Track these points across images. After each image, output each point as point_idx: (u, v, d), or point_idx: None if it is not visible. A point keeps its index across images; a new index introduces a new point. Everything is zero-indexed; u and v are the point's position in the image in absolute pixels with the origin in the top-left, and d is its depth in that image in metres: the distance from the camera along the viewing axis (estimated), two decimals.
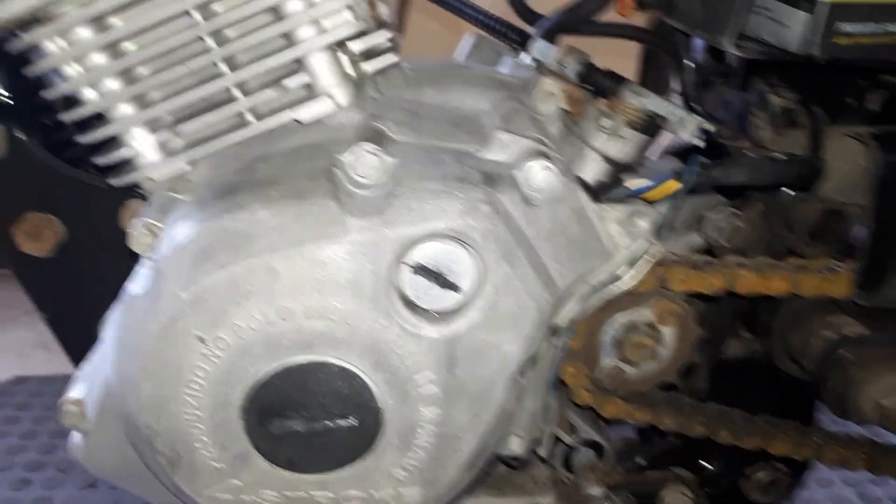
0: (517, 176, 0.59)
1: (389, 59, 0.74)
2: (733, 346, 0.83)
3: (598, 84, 0.77)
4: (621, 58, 0.93)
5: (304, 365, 0.55)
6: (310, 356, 0.55)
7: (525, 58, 0.88)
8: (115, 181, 0.69)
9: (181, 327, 0.53)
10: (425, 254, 0.55)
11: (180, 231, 0.54)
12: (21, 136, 0.75)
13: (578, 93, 0.78)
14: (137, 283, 0.56)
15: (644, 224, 0.62)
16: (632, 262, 0.63)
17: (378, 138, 0.61)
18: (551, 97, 0.76)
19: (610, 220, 0.62)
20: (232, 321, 0.53)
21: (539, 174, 0.58)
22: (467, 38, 0.94)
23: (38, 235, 0.76)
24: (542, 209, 0.58)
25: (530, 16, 0.91)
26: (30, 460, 1.69)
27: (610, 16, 0.92)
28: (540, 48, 0.82)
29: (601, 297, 0.64)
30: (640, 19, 0.96)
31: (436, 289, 0.55)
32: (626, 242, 0.62)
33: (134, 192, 0.71)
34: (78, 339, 0.83)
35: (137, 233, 0.59)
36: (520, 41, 0.86)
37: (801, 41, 0.57)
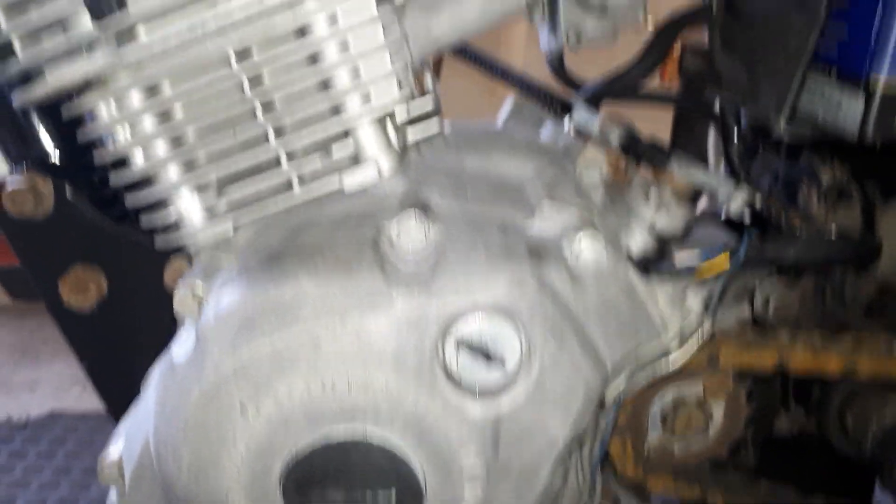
0: (564, 249, 0.58)
1: (433, 126, 0.74)
2: (785, 421, 0.80)
3: (642, 153, 0.76)
4: (653, 123, 0.92)
5: (346, 437, 0.54)
6: (351, 428, 0.54)
7: (567, 124, 0.88)
8: (161, 242, 0.70)
9: (224, 394, 0.52)
10: (470, 328, 0.54)
11: (225, 297, 0.54)
12: (69, 192, 0.76)
13: (622, 161, 0.78)
14: (181, 348, 0.56)
15: (695, 302, 0.60)
16: (682, 340, 0.62)
17: (422, 207, 0.60)
18: (595, 165, 0.76)
19: (660, 296, 0.61)
20: (274, 390, 0.52)
21: (587, 248, 0.57)
22: (508, 101, 0.94)
23: (83, 289, 0.77)
24: (589, 284, 0.57)
25: (572, 82, 0.91)
26: (62, 497, 1.69)
27: (653, 83, 0.92)
28: (582, 116, 0.82)
29: (650, 373, 0.62)
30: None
31: (480, 365, 0.54)
32: (676, 320, 0.61)
33: (178, 250, 0.72)
34: (115, 389, 0.83)
35: (182, 295, 0.59)
36: (561, 107, 0.86)
37: (857, 126, 0.57)
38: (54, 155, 0.79)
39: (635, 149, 0.77)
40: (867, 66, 0.62)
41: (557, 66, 0.90)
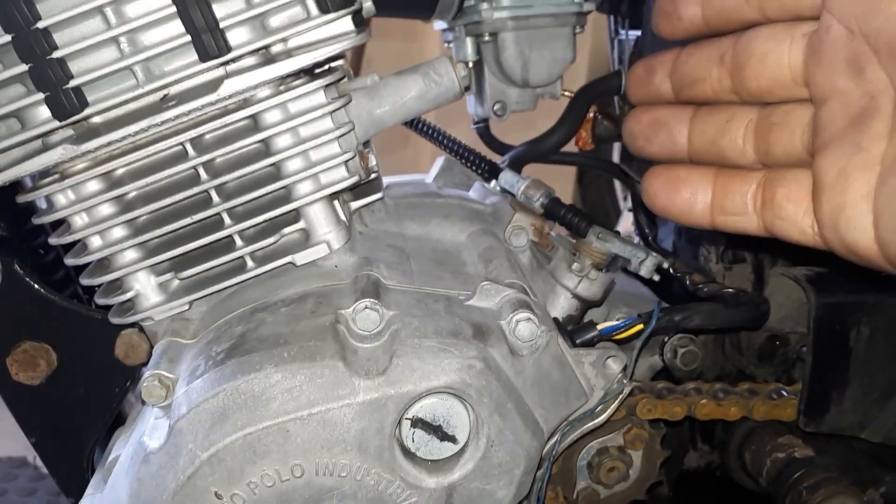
0: (504, 327, 0.65)
1: (375, 195, 0.80)
2: (693, 457, 0.90)
3: (563, 219, 0.84)
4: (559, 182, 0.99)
5: None
6: None
7: (494, 185, 0.95)
8: (116, 320, 0.73)
9: (199, 484, 0.56)
10: (424, 408, 0.60)
11: (196, 390, 0.58)
12: (18, 267, 0.77)
13: (545, 226, 0.86)
14: (153, 438, 0.59)
15: (616, 366, 0.68)
16: (605, 400, 0.70)
17: (374, 289, 0.66)
18: (522, 231, 0.83)
19: (585, 363, 0.68)
20: (248, 479, 0.57)
21: (524, 327, 0.64)
22: (439, 160, 1.01)
23: (33, 364, 0.78)
24: (527, 358, 0.64)
25: (499, 146, 0.98)
26: None
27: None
28: (507, 178, 0.89)
29: (577, 430, 0.70)
30: None
31: (434, 441, 0.60)
32: (601, 384, 0.69)
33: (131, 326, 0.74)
34: (65, 462, 0.84)
35: (150, 385, 0.62)
36: (488, 170, 0.93)
37: None
38: (2, 230, 0.80)
39: (557, 213, 0.85)
40: None
41: (484, 132, 0.97)
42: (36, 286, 0.78)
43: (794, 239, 0.50)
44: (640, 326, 0.71)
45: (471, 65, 0.92)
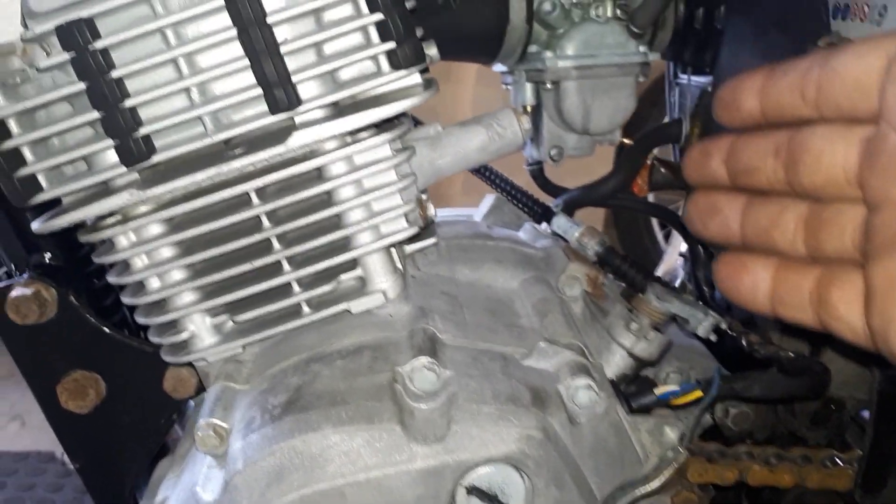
0: (562, 392, 0.64)
1: (430, 240, 0.79)
2: None
3: (618, 270, 0.83)
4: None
5: None
6: None
7: (544, 226, 0.94)
8: (170, 358, 0.73)
9: None
10: (481, 477, 0.59)
11: (253, 446, 0.58)
12: (73, 299, 0.78)
13: (599, 276, 0.85)
14: (207, 490, 0.59)
15: (673, 435, 0.67)
16: (660, 467, 0.68)
17: (430, 345, 0.65)
18: (576, 281, 0.82)
19: (642, 430, 0.67)
20: None
21: (583, 394, 0.63)
22: (488, 197, 1.00)
23: (82, 394, 0.78)
24: (585, 426, 0.63)
25: (552, 189, 0.98)
26: None
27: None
28: (561, 224, 0.88)
29: (629, 497, 0.69)
30: None
31: None
32: (656, 451, 0.68)
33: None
34: (107, 489, 0.85)
35: (204, 434, 0.62)
36: (541, 213, 0.92)
37: None
38: (57, 259, 0.81)
39: (612, 264, 0.84)
40: None
41: (538, 174, 0.97)
42: (89, 318, 0.78)
43: (849, 339, 0.50)
44: (699, 394, 0.70)
45: (529, 109, 0.91)
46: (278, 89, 0.62)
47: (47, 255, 0.81)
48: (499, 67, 0.94)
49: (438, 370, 0.61)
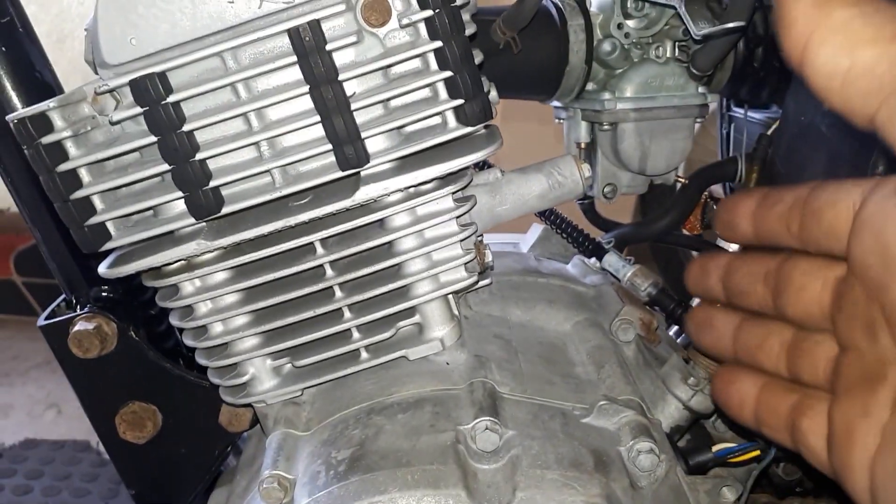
0: (623, 454, 0.64)
1: (485, 282, 0.79)
2: None
3: (672, 314, 0.83)
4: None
5: None
6: None
7: (593, 261, 0.93)
8: (229, 399, 0.74)
9: None
10: None
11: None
12: (133, 333, 0.79)
13: (653, 321, 0.84)
14: None
15: (731, 496, 0.67)
16: None
17: (491, 403, 0.65)
18: (630, 326, 0.82)
19: (700, 490, 0.67)
20: None
21: (646, 457, 0.63)
22: (535, 227, 0.99)
23: (140, 425, 0.80)
24: (646, 490, 0.63)
25: (603, 224, 0.97)
26: None
27: None
28: (613, 262, 0.88)
29: None
30: None
31: None
32: None
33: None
34: None
35: (269, 487, 0.63)
36: (591, 248, 0.92)
37: None
38: (116, 292, 0.82)
39: (666, 308, 0.83)
40: None
41: (588, 209, 0.96)
42: (148, 351, 0.80)
43: (818, 468, 0.51)
44: (757, 452, 0.70)
45: (583, 146, 0.91)
46: (348, 146, 0.62)
47: (106, 288, 0.83)
48: (553, 103, 0.93)
49: (500, 430, 0.62)
